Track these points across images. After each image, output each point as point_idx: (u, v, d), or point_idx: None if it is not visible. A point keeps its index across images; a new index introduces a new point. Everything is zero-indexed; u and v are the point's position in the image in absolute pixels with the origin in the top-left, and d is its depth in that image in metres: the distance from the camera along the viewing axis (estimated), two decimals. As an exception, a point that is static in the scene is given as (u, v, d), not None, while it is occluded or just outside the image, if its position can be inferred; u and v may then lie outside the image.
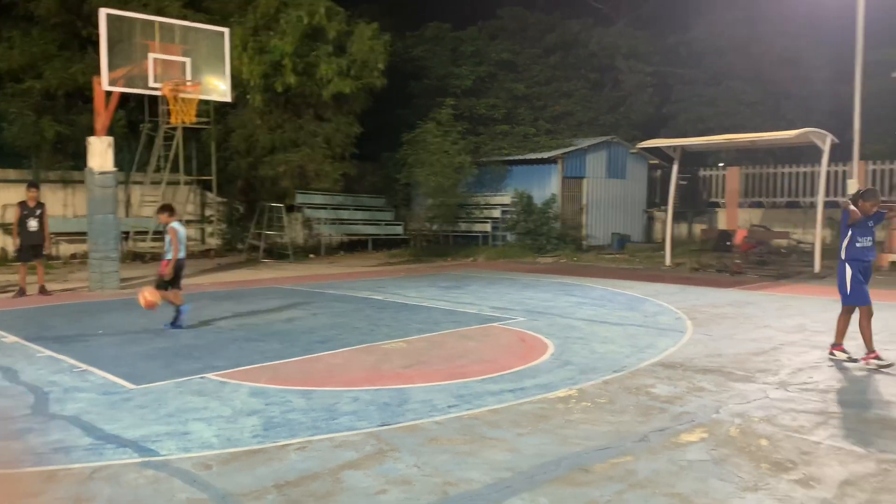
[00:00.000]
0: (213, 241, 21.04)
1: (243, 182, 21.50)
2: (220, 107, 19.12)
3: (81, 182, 18.66)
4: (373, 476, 4.27)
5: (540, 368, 6.97)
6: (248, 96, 18.07)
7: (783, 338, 8.47)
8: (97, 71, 12.14)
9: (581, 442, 4.86)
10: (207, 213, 21.64)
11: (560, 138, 23.90)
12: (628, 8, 32.57)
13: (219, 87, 12.95)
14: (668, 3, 30.60)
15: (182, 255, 9.09)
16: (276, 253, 20.17)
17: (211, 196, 21.32)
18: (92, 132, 12.77)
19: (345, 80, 18.96)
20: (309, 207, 22.07)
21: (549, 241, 21.20)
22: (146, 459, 4.52)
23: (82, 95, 17.29)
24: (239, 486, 4.11)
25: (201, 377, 6.56)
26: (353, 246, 22.86)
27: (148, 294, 8.59)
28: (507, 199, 22.42)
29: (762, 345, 8.08)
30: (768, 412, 5.52)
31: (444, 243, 22.73)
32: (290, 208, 21.54)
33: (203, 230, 21.48)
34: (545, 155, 22.04)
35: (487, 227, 22.45)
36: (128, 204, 19.57)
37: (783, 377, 6.62)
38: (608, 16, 32.52)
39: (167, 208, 9.17)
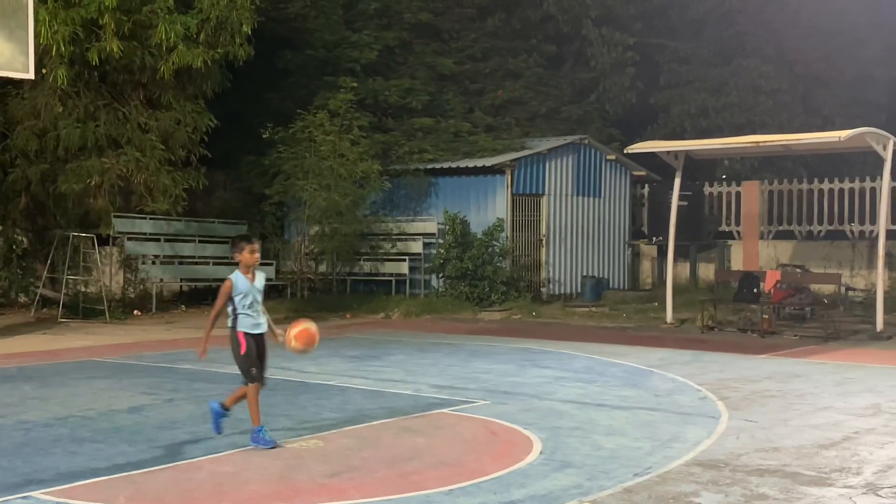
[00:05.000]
0: (-17, 291, 20.46)
1: (29, 200, 21.07)
2: (-2, 86, 18.80)
3: None
4: None
5: (529, 473, 7.17)
6: (44, 70, 17.77)
7: (855, 423, 9.01)
8: None
9: (619, 575, 5.08)
10: (-27, 246, 21.11)
11: (507, 138, 24.55)
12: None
13: (16, 59, 12.82)
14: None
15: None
16: (84, 309, 19.75)
17: (-21, 222, 20.77)
18: None
19: (193, 49, 18.92)
20: (132, 238, 21.75)
21: (495, 289, 21.61)
22: None
23: None
24: None
25: (24, 497, 6.44)
26: (199, 296, 22.63)
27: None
28: (432, 227, 22.77)
29: (829, 434, 8.57)
30: (862, 525, 5.91)
31: (340, 291, 22.81)
32: (104, 240, 21.19)
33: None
34: (487, 162, 22.57)
35: (404, 267, 22.68)
36: None
37: (869, 477, 7.06)
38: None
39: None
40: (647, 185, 26.81)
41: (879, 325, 16.13)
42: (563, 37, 30.00)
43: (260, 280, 8.14)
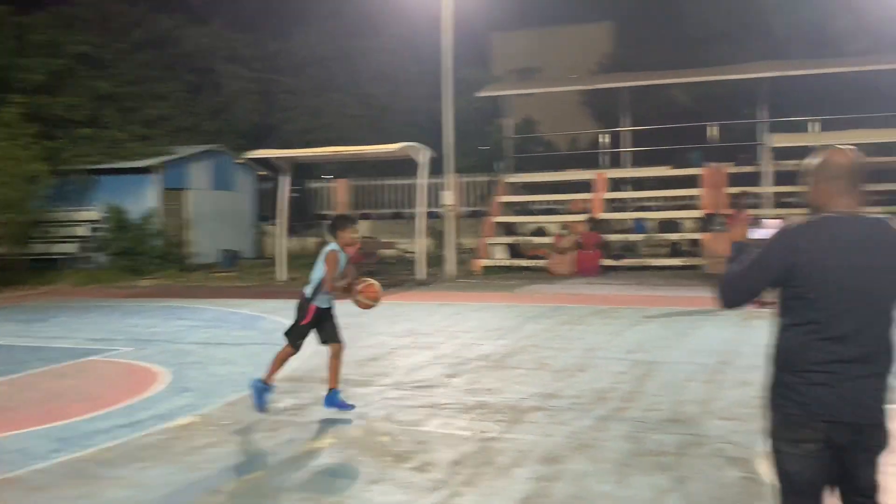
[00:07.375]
0: None
1: None
2: None
3: None
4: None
5: (154, 399, 6.92)
6: None
7: (395, 343, 9.62)
8: None
9: (209, 465, 5.06)
10: None
11: (157, 145, 23.22)
12: (225, 9, 32.86)
13: None
14: (267, 7, 31.74)
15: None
16: None
17: None
18: None
19: None
20: None
21: (151, 262, 20.44)
22: None
23: None
24: None
25: None
26: None
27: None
28: (96, 215, 21.05)
29: (377, 351, 9.09)
30: (387, 411, 6.34)
31: (16, 270, 20.37)
32: None
33: None
34: (140, 164, 21.26)
35: (72, 247, 20.78)
36: None
37: (398, 378, 7.59)
38: (201, 14, 32.38)
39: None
40: (270, 182, 26.57)
41: (422, 275, 17.29)
42: (201, 69, 28.83)
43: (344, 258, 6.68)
